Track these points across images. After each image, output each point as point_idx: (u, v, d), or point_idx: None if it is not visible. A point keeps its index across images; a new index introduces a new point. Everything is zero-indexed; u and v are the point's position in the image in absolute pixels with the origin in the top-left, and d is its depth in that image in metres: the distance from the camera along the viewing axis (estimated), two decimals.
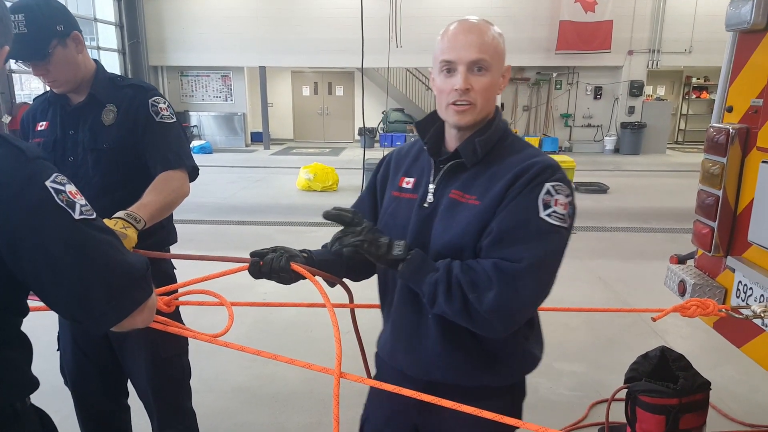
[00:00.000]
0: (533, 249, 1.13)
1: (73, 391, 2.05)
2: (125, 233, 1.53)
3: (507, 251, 1.13)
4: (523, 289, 1.12)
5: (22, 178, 0.87)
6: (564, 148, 14.79)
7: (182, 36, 14.30)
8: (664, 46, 13.91)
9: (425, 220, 1.26)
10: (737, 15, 2.16)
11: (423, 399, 1.15)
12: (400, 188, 1.35)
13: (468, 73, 1.19)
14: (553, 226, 1.14)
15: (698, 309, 1.64)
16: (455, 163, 1.25)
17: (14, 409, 0.99)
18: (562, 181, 1.18)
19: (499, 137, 1.26)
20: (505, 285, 1.11)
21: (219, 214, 7.38)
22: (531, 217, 1.14)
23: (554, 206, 1.15)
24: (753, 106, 2.15)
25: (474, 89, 1.19)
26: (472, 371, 1.27)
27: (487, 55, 1.19)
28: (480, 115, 1.23)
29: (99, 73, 1.86)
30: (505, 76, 1.26)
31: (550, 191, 1.15)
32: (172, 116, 1.90)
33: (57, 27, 1.68)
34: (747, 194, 2.15)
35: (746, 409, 2.89)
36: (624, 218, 7.27)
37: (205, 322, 2.13)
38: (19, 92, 10.55)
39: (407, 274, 1.19)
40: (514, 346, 1.28)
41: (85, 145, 1.81)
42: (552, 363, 3.37)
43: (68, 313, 0.93)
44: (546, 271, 1.15)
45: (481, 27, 1.21)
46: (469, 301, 1.13)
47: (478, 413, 1.09)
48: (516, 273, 1.11)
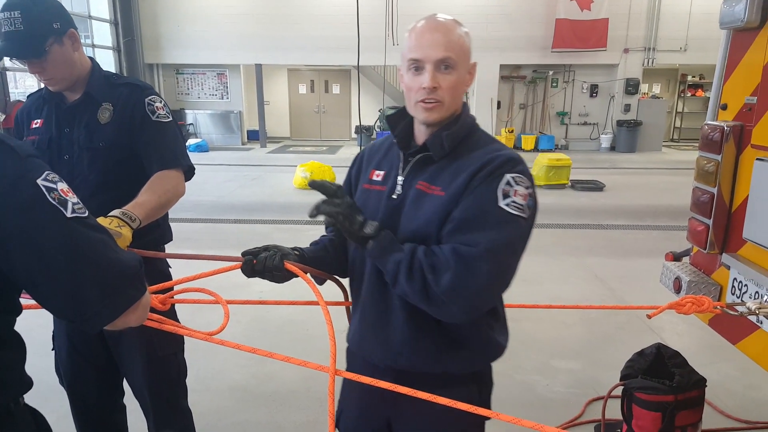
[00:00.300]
0: (490, 235, 1.16)
1: (69, 390, 2.04)
2: (120, 232, 1.52)
3: (465, 237, 1.17)
4: (479, 272, 1.15)
5: (14, 176, 0.86)
6: (560, 146, 14.82)
7: (178, 33, 14.25)
8: (659, 44, 13.95)
9: (393, 211, 1.30)
10: (731, 13, 2.17)
11: (397, 390, 1.17)
12: (370, 181, 1.38)
13: (435, 72, 1.22)
14: (512, 215, 1.18)
15: (693, 306, 1.65)
16: (423, 156, 1.29)
17: (8, 410, 0.99)
18: (523, 173, 1.22)
19: (467, 132, 1.30)
20: (461, 267, 1.15)
21: (215, 212, 7.37)
22: (490, 206, 1.18)
23: (513, 196, 1.18)
24: (747, 103, 2.16)
25: (441, 87, 1.22)
26: (437, 357, 1.31)
27: (453, 54, 1.22)
28: (448, 111, 1.26)
29: (95, 71, 1.86)
30: (471, 73, 1.29)
31: (509, 182, 1.19)
32: (168, 115, 1.89)
33: (53, 24, 1.67)
34: (742, 191, 2.16)
35: (742, 405, 2.91)
36: (620, 216, 7.29)
37: (201, 320, 2.13)
38: (13, 90, 10.50)
39: (375, 252, 1.23)
40: (479, 334, 1.31)
41: (81, 144, 1.80)
42: (548, 360, 3.38)
43: (61, 312, 0.93)
44: (503, 257, 1.18)
45: (448, 25, 1.24)
46: (427, 281, 1.17)
47: (452, 404, 1.12)
48: (472, 256, 1.15)
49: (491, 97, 14.37)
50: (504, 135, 14.53)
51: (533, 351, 3.49)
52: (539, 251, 5.72)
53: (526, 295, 4.46)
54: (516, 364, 3.31)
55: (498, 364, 1.39)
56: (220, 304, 1.36)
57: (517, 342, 3.62)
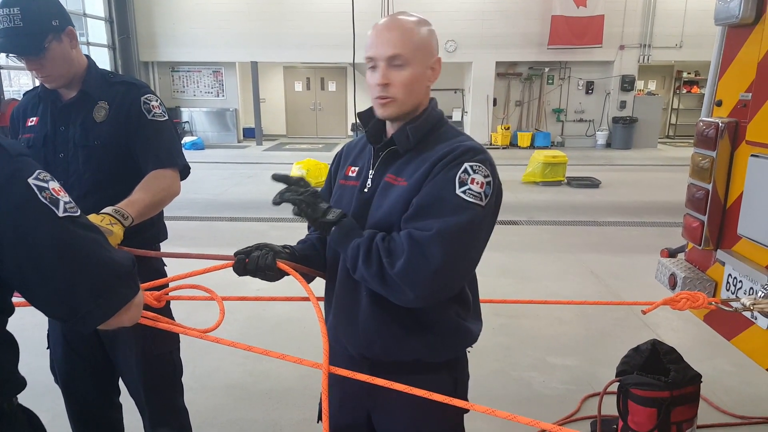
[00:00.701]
0: (444, 221, 1.18)
1: (64, 389, 2.03)
2: (111, 230, 1.52)
3: (421, 223, 1.21)
4: (431, 256, 1.17)
5: (5, 175, 0.85)
6: (556, 142, 14.83)
7: (173, 31, 14.19)
8: (655, 41, 13.97)
9: (364, 204, 1.33)
10: (726, 9, 2.17)
11: (375, 383, 1.20)
12: (345, 176, 1.43)
13: (387, 69, 1.25)
14: (468, 203, 1.20)
15: (688, 302, 1.65)
16: (391, 150, 1.33)
17: (1, 410, 0.98)
18: (483, 162, 1.24)
19: (432, 126, 1.32)
20: (414, 250, 1.18)
21: (211, 210, 7.35)
22: (447, 193, 1.21)
23: (470, 184, 1.21)
24: (742, 100, 2.16)
25: (393, 84, 1.26)
26: (406, 343, 1.33)
27: (405, 51, 1.24)
28: (404, 107, 1.29)
29: (91, 69, 1.85)
30: (434, 68, 1.30)
31: (467, 170, 1.22)
32: (163, 114, 1.89)
33: (52, 22, 1.67)
34: (736, 188, 2.16)
35: (737, 401, 2.92)
36: (615, 213, 7.31)
37: (197, 319, 2.12)
38: (8, 88, 10.44)
39: (337, 238, 1.28)
40: (447, 321, 1.33)
41: (76, 142, 1.80)
42: (544, 357, 3.39)
43: (53, 311, 0.92)
44: (457, 242, 1.19)
45: (402, 23, 1.26)
46: (383, 265, 1.20)
47: (428, 396, 1.14)
48: (425, 240, 1.18)
49: (487, 94, 14.38)
50: (500, 132, 14.54)
51: (529, 347, 3.50)
52: (535, 248, 5.74)
53: (522, 292, 4.47)
54: (512, 360, 3.31)
55: (494, 361, 1.40)
56: (216, 302, 1.35)
57: (513, 338, 3.64)
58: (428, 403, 1.17)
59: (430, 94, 1.35)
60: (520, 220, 6.91)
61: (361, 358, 1.38)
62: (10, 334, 1.00)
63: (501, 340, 3.57)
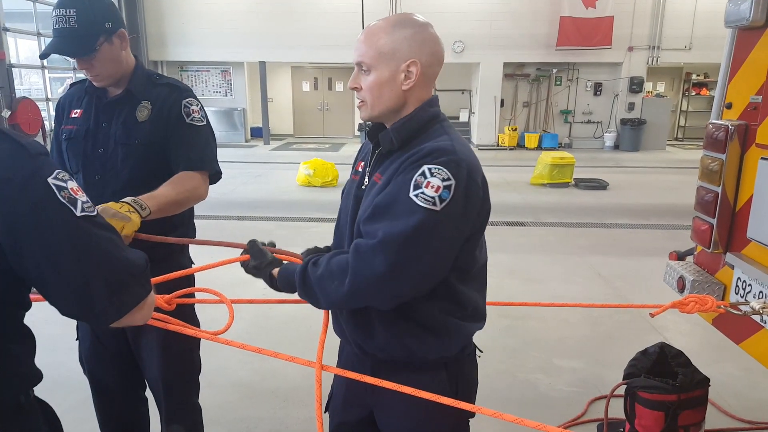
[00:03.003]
0: (391, 226, 1.18)
1: (91, 380, 2.07)
2: (129, 217, 1.55)
3: (371, 226, 1.22)
4: (375, 265, 1.18)
5: (24, 174, 0.87)
6: (564, 144, 14.78)
7: (182, 31, 14.26)
8: (664, 43, 13.89)
9: (358, 201, 1.37)
10: (736, 11, 2.16)
11: (376, 384, 1.23)
12: (355, 171, 1.47)
13: (357, 74, 1.31)
14: (418, 207, 1.17)
15: (697, 305, 1.64)
16: (381, 149, 1.35)
17: (18, 402, 1.00)
18: (446, 164, 1.20)
19: (419, 127, 1.31)
20: (358, 263, 1.20)
21: (219, 209, 7.37)
22: (401, 195, 1.20)
23: (424, 188, 1.18)
24: (752, 102, 2.15)
25: (362, 88, 1.31)
26: (397, 339, 1.34)
27: (366, 58, 1.28)
28: (374, 110, 1.32)
29: (138, 69, 1.89)
30: (409, 70, 1.27)
31: (424, 173, 1.19)
32: (202, 119, 1.92)
33: (105, 24, 1.71)
34: (746, 191, 2.15)
35: (745, 405, 2.90)
36: (623, 215, 7.28)
37: (205, 316, 2.14)
38: (19, 87, 10.53)
39: (282, 286, 1.39)
40: (433, 318, 1.33)
41: (117, 139, 1.83)
42: (551, 359, 3.38)
43: (69, 309, 0.94)
44: (402, 249, 1.17)
45: (371, 30, 1.30)
46: (329, 292, 1.24)
47: (435, 399, 1.16)
48: (368, 249, 1.19)
49: (495, 95, 14.34)
50: (507, 133, 14.50)
51: (536, 350, 3.49)
52: (542, 250, 5.73)
53: (529, 294, 4.46)
54: (519, 362, 3.31)
55: (500, 362, 1.40)
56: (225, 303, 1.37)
57: (520, 341, 3.63)
58: (428, 401, 1.19)
59: (423, 95, 1.32)
60: (527, 222, 6.90)
61: (364, 355, 1.40)
62: (28, 328, 1.02)
63: (507, 341, 3.57)
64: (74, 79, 2.07)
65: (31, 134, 9.48)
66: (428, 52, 1.29)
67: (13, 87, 9.58)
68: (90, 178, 1.84)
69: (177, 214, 1.88)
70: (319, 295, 1.27)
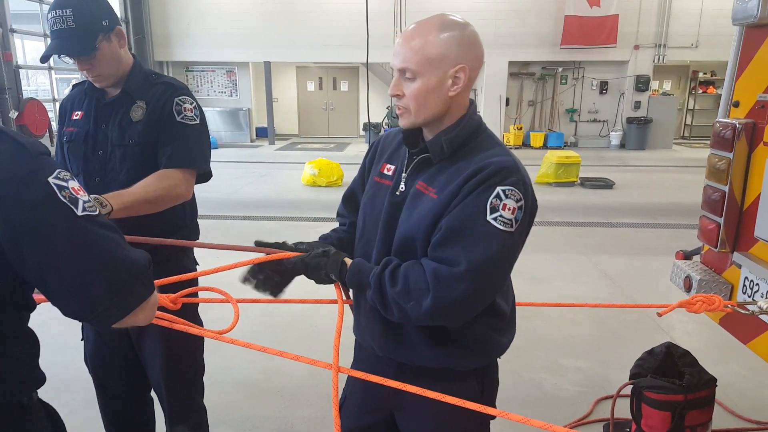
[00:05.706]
0: (473, 253, 1.16)
1: (95, 381, 2.07)
2: None
3: (449, 252, 1.17)
4: (459, 292, 1.16)
5: (25, 174, 0.87)
6: (569, 143, 14.73)
7: (187, 31, 14.30)
8: (670, 41, 13.81)
9: (396, 207, 1.31)
10: (744, 9, 2.14)
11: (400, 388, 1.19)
12: (381, 174, 1.40)
13: (399, 80, 1.24)
14: (498, 231, 1.16)
15: (704, 305, 1.63)
16: (424, 156, 1.29)
17: (21, 405, 1.00)
18: (515, 185, 1.19)
19: (468, 135, 1.27)
20: (440, 290, 1.16)
21: (224, 209, 7.40)
22: (477, 220, 1.17)
23: (501, 210, 1.16)
24: (760, 100, 2.13)
25: (405, 95, 1.24)
26: (432, 352, 1.32)
27: (412, 64, 1.20)
28: (418, 118, 1.25)
29: (135, 68, 1.87)
30: (456, 76, 1.22)
31: (499, 195, 1.17)
32: (195, 118, 1.87)
33: (103, 22, 1.69)
34: (753, 190, 2.14)
35: (752, 405, 2.89)
36: (630, 214, 7.24)
37: (210, 316, 2.14)
38: (26, 88, 10.59)
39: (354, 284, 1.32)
40: (476, 333, 1.32)
41: (113, 141, 1.81)
42: (557, 359, 3.37)
43: (71, 309, 0.93)
44: (485, 275, 1.18)
45: (416, 33, 1.22)
46: (405, 309, 1.20)
47: (456, 402, 1.13)
48: (452, 278, 1.15)
49: (500, 94, 14.31)
50: (513, 132, 14.47)
51: (542, 349, 3.48)
52: (549, 249, 5.71)
53: (535, 294, 4.44)
54: (525, 362, 3.30)
55: (506, 362, 1.39)
56: (230, 303, 1.37)
57: (526, 340, 3.62)
58: (454, 406, 1.16)
59: (465, 101, 1.28)
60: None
61: (388, 360, 1.38)
62: (31, 330, 1.02)
63: (513, 341, 3.55)
64: (79, 79, 2.05)
65: (38, 135, 9.54)
66: (475, 55, 1.24)
67: (21, 88, 9.63)
68: (90, 180, 1.82)
69: (177, 214, 1.87)
70: (393, 309, 1.23)
